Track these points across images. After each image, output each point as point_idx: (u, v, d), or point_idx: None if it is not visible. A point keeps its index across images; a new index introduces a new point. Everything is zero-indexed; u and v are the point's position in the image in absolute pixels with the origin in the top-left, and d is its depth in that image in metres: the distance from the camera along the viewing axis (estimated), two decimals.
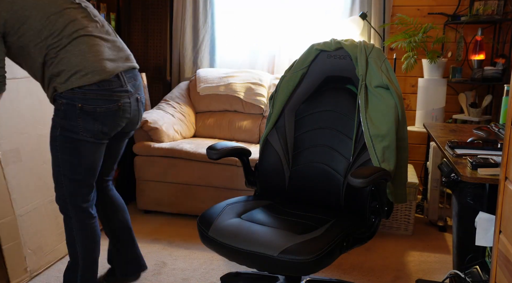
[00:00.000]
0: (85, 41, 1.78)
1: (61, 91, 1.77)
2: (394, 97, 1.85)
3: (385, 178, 1.67)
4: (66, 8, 1.80)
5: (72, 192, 1.89)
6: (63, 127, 1.80)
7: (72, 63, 1.75)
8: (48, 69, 1.77)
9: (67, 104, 1.77)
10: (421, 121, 3.24)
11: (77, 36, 1.77)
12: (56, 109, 1.82)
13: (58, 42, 1.75)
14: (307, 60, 2.06)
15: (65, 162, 1.84)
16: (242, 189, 2.91)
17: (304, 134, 2.07)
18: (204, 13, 3.74)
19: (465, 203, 1.81)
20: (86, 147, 1.84)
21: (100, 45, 1.81)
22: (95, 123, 1.80)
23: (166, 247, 2.66)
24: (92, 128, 1.80)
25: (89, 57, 1.77)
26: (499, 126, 2.12)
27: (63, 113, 1.79)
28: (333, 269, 2.43)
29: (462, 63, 3.40)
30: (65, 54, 1.75)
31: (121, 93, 1.84)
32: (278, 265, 1.55)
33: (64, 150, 1.83)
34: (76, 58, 1.75)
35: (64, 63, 1.75)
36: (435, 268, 2.47)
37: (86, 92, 1.76)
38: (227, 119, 3.47)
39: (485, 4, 3.19)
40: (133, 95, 1.91)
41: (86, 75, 1.75)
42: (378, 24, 3.44)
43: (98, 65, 1.77)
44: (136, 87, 1.93)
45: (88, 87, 1.75)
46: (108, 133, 1.87)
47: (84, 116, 1.78)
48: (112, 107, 1.82)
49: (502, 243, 1.18)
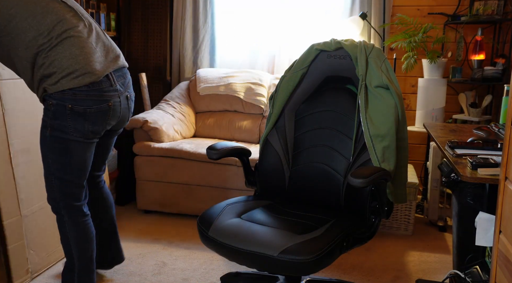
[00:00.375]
0: (75, 42, 1.77)
1: (51, 92, 1.77)
2: (394, 97, 1.85)
3: (385, 178, 1.67)
4: (52, 6, 1.78)
5: (63, 192, 1.89)
6: (53, 127, 1.80)
7: (63, 65, 1.74)
8: (39, 71, 1.76)
9: (57, 105, 1.77)
10: (421, 121, 3.24)
11: (67, 37, 1.76)
12: (45, 109, 1.82)
13: (48, 42, 1.74)
14: (307, 60, 2.06)
15: (55, 162, 1.84)
16: (242, 189, 2.91)
17: (304, 134, 2.07)
18: (204, 13, 3.74)
19: (465, 203, 1.81)
20: (76, 147, 1.83)
21: (89, 46, 1.81)
22: (85, 123, 1.80)
23: (166, 247, 2.66)
24: (82, 128, 1.80)
25: (80, 59, 1.77)
26: (499, 126, 2.12)
27: (52, 113, 1.78)
28: (333, 269, 2.43)
29: (462, 63, 3.40)
30: (56, 55, 1.74)
31: (111, 92, 1.84)
32: (278, 265, 1.55)
33: (54, 150, 1.83)
34: (67, 61, 1.75)
35: (55, 65, 1.74)
36: (435, 268, 2.47)
37: (76, 94, 1.76)
38: (227, 119, 3.47)
39: (485, 4, 3.19)
40: (123, 93, 1.92)
41: (77, 77, 1.75)
42: (378, 24, 3.44)
43: (89, 67, 1.78)
44: (125, 86, 1.93)
45: (78, 88, 1.76)
46: (98, 133, 1.87)
47: (74, 116, 1.78)
48: (102, 107, 1.82)
49: (502, 243, 1.18)
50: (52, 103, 1.77)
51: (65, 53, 1.75)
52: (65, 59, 1.74)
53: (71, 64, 1.75)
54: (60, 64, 1.74)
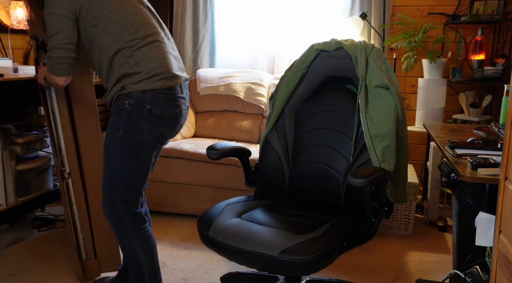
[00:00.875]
0: (161, 47, 1.80)
1: (130, 90, 1.74)
2: (394, 97, 1.85)
3: (385, 178, 1.67)
4: (139, 7, 1.80)
5: (125, 197, 1.84)
6: (127, 128, 1.77)
7: (149, 67, 1.75)
8: (122, 68, 1.75)
9: (135, 105, 1.75)
10: (421, 121, 3.24)
11: (153, 40, 1.79)
12: (118, 109, 1.78)
13: (134, 41, 1.75)
14: (307, 60, 2.06)
15: (123, 164, 1.80)
16: (242, 189, 2.90)
17: (304, 134, 2.07)
18: (204, 13, 3.74)
19: (465, 203, 1.81)
20: (147, 150, 1.82)
21: (170, 53, 1.85)
22: (159, 126, 1.80)
23: (166, 247, 2.66)
24: (155, 130, 1.80)
25: (165, 63, 1.79)
26: (499, 126, 2.12)
27: (128, 114, 1.76)
28: (333, 269, 2.43)
29: (462, 63, 3.40)
30: (143, 56, 1.75)
31: (181, 99, 1.86)
32: (278, 265, 1.55)
33: (124, 152, 1.79)
34: (153, 63, 1.76)
35: (141, 65, 1.75)
36: (435, 268, 2.47)
37: (156, 95, 1.76)
38: (227, 119, 3.47)
39: (485, 4, 3.19)
40: (187, 102, 1.93)
41: (161, 80, 1.76)
42: (378, 24, 3.44)
43: (172, 72, 1.80)
44: (188, 96, 1.95)
45: (159, 90, 1.77)
46: (167, 137, 1.87)
47: (151, 118, 1.77)
48: (175, 112, 1.83)
49: (502, 243, 1.17)
50: (129, 103, 1.75)
51: (152, 56, 1.77)
52: (151, 61, 1.76)
53: (157, 66, 1.77)
54: (146, 65, 1.75)
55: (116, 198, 1.84)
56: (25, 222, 2.72)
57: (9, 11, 2.98)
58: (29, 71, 2.57)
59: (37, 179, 2.62)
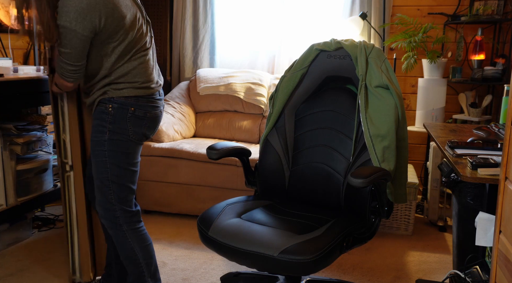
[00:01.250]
0: (148, 60, 1.87)
1: (112, 96, 1.81)
2: (394, 97, 1.85)
3: (385, 178, 1.67)
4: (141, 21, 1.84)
5: (120, 197, 1.88)
6: (112, 130, 1.82)
7: (135, 79, 1.82)
8: (109, 77, 1.80)
9: (119, 108, 1.81)
10: (421, 121, 3.24)
11: (143, 55, 1.85)
12: (101, 113, 1.83)
13: (128, 54, 1.80)
14: (307, 60, 2.06)
15: (113, 165, 1.84)
16: (242, 189, 2.91)
17: (304, 134, 2.07)
18: (204, 13, 3.74)
19: (465, 203, 1.82)
20: (134, 148, 1.88)
21: (154, 64, 1.94)
22: (142, 126, 1.86)
23: (166, 247, 2.66)
24: (139, 130, 1.86)
25: (149, 75, 1.87)
26: (499, 126, 2.12)
27: (112, 117, 1.81)
28: (333, 269, 2.43)
29: (462, 63, 3.40)
30: (132, 69, 1.82)
31: (160, 101, 1.95)
32: (278, 265, 1.55)
33: (113, 153, 1.83)
34: (141, 77, 1.83)
35: (128, 77, 1.81)
36: (435, 268, 2.47)
37: (138, 99, 1.84)
38: (227, 119, 3.47)
39: (485, 4, 3.19)
40: (163, 103, 2.01)
41: (144, 88, 1.84)
42: (378, 24, 3.44)
43: (154, 81, 1.89)
44: (163, 96, 2.03)
45: (141, 96, 1.85)
46: (148, 136, 1.93)
47: (135, 119, 1.84)
48: (157, 113, 1.92)
49: (502, 243, 1.17)
50: (113, 107, 1.81)
51: (140, 70, 1.83)
52: (138, 75, 1.83)
53: (143, 80, 1.84)
54: (134, 78, 1.82)
55: (111, 198, 1.87)
56: (25, 222, 2.72)
57: (9, 11, 2.98)
58: (29, 71, 2.56)
59: (37, 179, 2.62)
